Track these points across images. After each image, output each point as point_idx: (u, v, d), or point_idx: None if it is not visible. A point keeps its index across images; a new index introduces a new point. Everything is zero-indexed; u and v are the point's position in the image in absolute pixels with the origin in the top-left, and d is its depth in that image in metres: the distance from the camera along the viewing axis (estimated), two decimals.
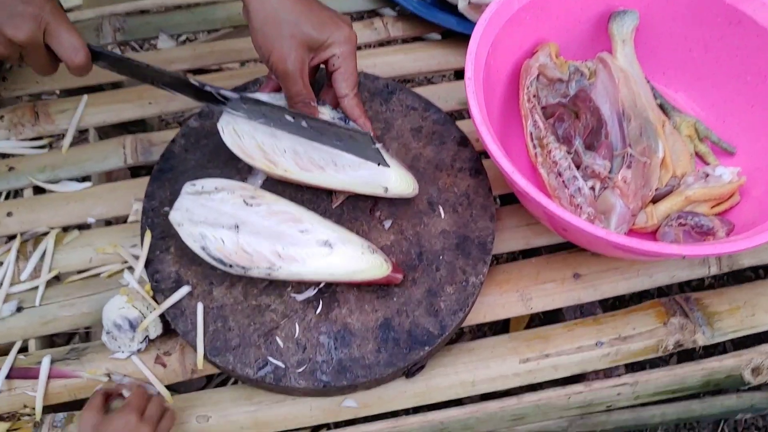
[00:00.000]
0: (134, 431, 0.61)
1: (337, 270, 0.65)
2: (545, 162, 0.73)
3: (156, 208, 0.72)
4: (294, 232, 0.66)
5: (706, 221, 0.69)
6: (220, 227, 0.65)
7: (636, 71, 0.79)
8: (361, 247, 0.66)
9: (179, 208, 0.66)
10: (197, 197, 0.67)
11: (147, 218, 0.72)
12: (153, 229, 0.71)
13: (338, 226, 0.68)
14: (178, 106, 0.84)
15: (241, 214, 0.66)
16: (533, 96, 0.77)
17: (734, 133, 0.79)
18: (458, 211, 0.72)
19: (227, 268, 0.65)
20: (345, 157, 0.70)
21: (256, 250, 0.65)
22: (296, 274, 0.65)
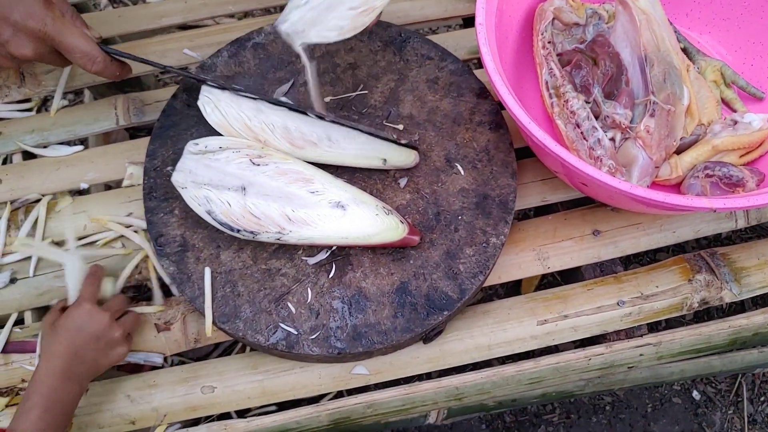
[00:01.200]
0: (91, 316, 0.61)
1: (351, 233, 0.63)
2: (562, 112, 0.70)
3: (158, 168, 0.70)
4: (304, 193, 0.63)
5: (735, 171, 0.66)
6: (226, 189, 0.63)
7: (658, 13, 0.75)
8: (376, 208, 0.64)
9: (182, 170, 0.64)
10: (201, 157, 0.65)
11: (149, 179, 0.69)
12: (155, 190, 0.69)
13: (351, 186, 0.66)
14: (171, 62, 0.81)
15: (247, 175, 0.64)
16: (548, 42, 0.73)
17: (764, 76, 0.76)
18: (478, 167, 0.70)
19: (235, 233, 0.63)
20: (339, 129, 0.67)
21: (265, 213, 0.62)
22: (308, 238, 0.63)
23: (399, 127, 0.72)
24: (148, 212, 0.68)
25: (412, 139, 0.71)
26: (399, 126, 0.72)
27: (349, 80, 0.74)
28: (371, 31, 0.76)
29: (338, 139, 0.69)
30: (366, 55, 0.76)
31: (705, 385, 1.11)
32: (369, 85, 0.74)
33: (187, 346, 0.67)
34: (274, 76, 0.74)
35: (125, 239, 0.71)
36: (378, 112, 0.73)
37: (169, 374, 0.67)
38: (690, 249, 1.08)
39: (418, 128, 0.72)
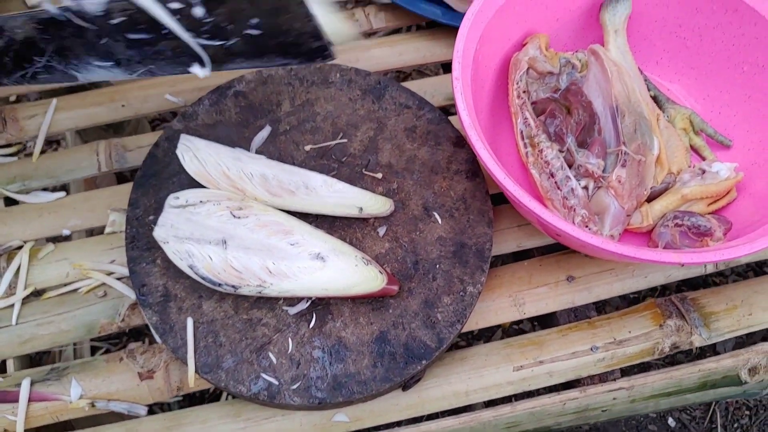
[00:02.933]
0: None
1: (331, 285, 0.65)
2: (537, 162, 0.72)
3: (140, 217, 0.72)
4: (284, 245, 0.65)
5: (703, 222, 0.69)
6: (207, 243, 0.65)
7: (629, 63, 0.78)
8: (355, 259, 0.66)
9: (163, 224, 0.66)
10: (182, 211, 0.66)
11: (131, 228, 0.71)
12: (138, 240, 0.71)
13: (330, 237, 0.68)
14: (152, 107, 0.83)
15: (228, 228, 0.66)
16: (523, 92, 0.76)
17: (730, 125, 0.79)
18: (455, 216, 0.72)
19: (216, 287, 0.65)
20: (316, 178, 0.69)
21: (246, 266, 0.64)
22: (288, 291, 0.65)
23: (378, 175, 0.74)
24: (130, 262, 0.69)
25: (391, 188, 0.73)
26: (378, 174, 0.74)
27: (329, 129, 0.77)
28: (350, 80, 0.78)
29: (315, 188, 0.71)
30: (345, 104, 0.78)
31: (680, 412, 1.14)
32: (348, 134, 0.76)
33: (170, 395, 0.69)
34: (255, 125, 0.76)
35: (107, 287, 0.73)
36: (357, 161, 0.75)
37: (153, 422, 0.68)
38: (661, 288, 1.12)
39: (397, 177, 0.74)
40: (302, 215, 0.70)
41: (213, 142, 0.71)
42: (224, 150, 0.70)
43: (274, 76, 0.79)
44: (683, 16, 0.79)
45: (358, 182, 0.74)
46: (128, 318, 0.72)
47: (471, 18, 0.71)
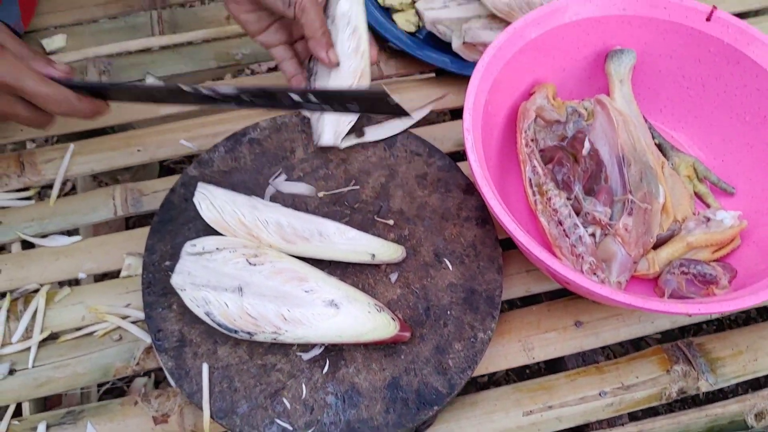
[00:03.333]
0: None
1: (345, 332, 0.67)
2: (545, 210, 0.74)
3: (156, 263, 0.73)
4: (299, 292, 0.67)
5: (708, 270, 0.71)
6: (224, 290, 0.66)
7: (634, 112, 0.80)
8: (368, 306, 0.68)
9: (180, 272, 0.67)
10: (198, 258, 0.68)
11: (148, 273, 0.72)
12: (154, 285, 0.72)
13: (343, 284, 0.69)
14: (167, 152, 0.84)
15: (244, 275, 0.67)
16: (531, 140, 0.78)
17: (734, 172, 0.81)
18: (465, 262, 0.73)
19: (232, 334, 0.66)
20: (329, 226, 0.71)
21: (261, 313, 0.65)
22: (302, 337, 0.66)
23: (389, 222, 0.76)
24: (146, 307, 0.71)
25: (402, 234, 0.75)
26: (389, 221, 0.76)
27: (342, 176, 0.79)
28: (363, 127, 0.81)
29: (329, 235, 0.72)
30: (357, 151, 0.80)
31: None
32: (360, 181, 0.78)
33: None
34: (270, 171, 0.78)
35: (123, 330, 0.74)
36: (369, 207, 0.77)
37: None
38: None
39: (408, 223, 0.76)
40: (315, 261, 0.72)
41: (229, 190, 0.73)
42: (240, 198, 0.72)
43: (287, 123, 0.81)
44: (686, 66, 0.81)
45: (370, 229, 0.76)
46: (143, 362, 0.73)
47: (481, 70, 0.73)
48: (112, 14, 0.94)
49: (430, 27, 0.88)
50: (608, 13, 0.79)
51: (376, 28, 0.88)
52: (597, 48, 0.82)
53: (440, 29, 0.87)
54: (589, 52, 0.82)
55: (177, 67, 0.90)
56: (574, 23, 0.79)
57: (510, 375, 1.13)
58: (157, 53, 0.91)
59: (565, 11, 0.77)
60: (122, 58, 0.91)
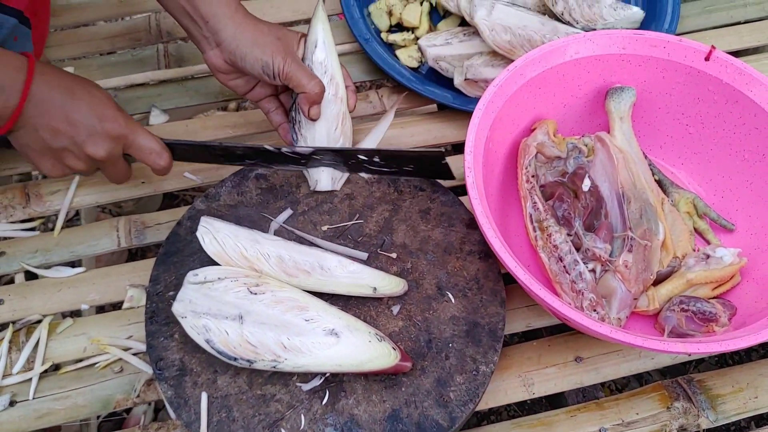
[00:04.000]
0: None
1: (345, 360, 0.67)
2: (546, 246, 0.75)
3: (160, 293, 0.74)
4: (299, 320, 0.67)
5: (708, 307, 0.71)
6: (224, 318, 0.67)
7: (634, 149, 0.81)
8: (368, 335, 0.68)
9: (182, 300, 0.68)
10: (200, 287, 0.69)
11: (151, 303, 0.73)
12: (157, 315, 0.73)
13: (344, 313, 0.70)
14: (173, 185, 0.86)
15: (245, 304, 0.68)
16: (532, 176, 0.79)
17: (733, 209, 0.82)
18: (468, 296, 0.74)
19: (231, 361, 0.66)
20: (330, 259, 0.73)
21: (261, 341, 0.66)
22: (302, 366, 0.66)
23: (392, 255, 0.76)
24: (149, 336, 0.71)
25: (405, 268, 0.75)
26: (392, 254, 0.76)
27: (346, 210, 0.79)
28: None
29: (330, 268, 0.73)
30: (362, 186, 0.81)
31: None
32: (364, 215, 0.79)
33: None
34: (275, 206, 0.79)
35: (124, 362, 0.74)
36: (373, 241, 0.78)
37: None
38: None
39: (411, 257, 0.77)
40: (318, 293, 0.72)
41: (232, 224, 0.74)
42: (242, 231, 0.73)
43: None
44: (686, 104, 0.82)
45: (373, 262, 0.76)
46: (144, 394, 0.73)
47: (482, 109, 0.74)
48: (120, 47, 0.96)
49: (433, 63, 0.89)
50: (608, 52, 0.80)
51: (379, 63, 0.89)
52: (597, 85, 0.83)
53: (442, 65, 0.89)
54: (589, 90, 0.83)
55: (182, 99, 0.91)
56: (575, 61, 0.80)
57: (510, 405, 1.13)
58: (163, 86, 0.92)
59: (565, 50, 0.79)
60: (128, 91, 0.92)
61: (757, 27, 0.98)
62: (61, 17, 0.96)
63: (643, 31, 0.80)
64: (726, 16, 0.99)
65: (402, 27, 0.95)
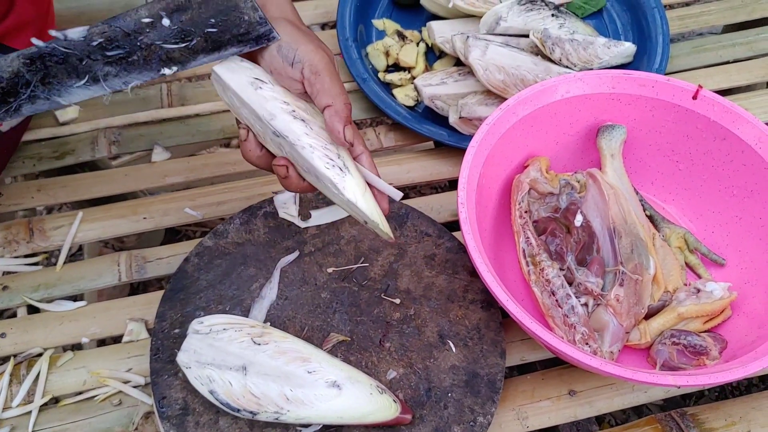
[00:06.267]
0: None
1: (346, 413, 0.67)
2: (538, 280, 0.76)
3: (166, 330, 0.75)
4: (302, 372, 0.68)
5: (699, 341, 0.72)
6: (228, 369, 0.67)
7: (625, 185, 0.83)
8: (370, 387, 0.69)
9: (186, 350, 0.69)
10: (205, 337, 0.69)
11: (156, 340, 0.74)
12: (162, 352, 0.73)
13: (346, 365, 0.70)
14: (173, 220, 0.87)
15: (248, 354, 0.68)
16: (525, 212, 0.80)
17: (724, 244, 0.83)
18: (469, 345, 0.75)
19: (235, 413, 0.66)
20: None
21: (264, 393, 0.66)
22: (304, 418, 0.67)
23: (396, 301, 0.77)
24: (153, 374, 0.72)
25: (408, 314, 0.77)
26: (396, 300, 0.77)
27: (352, 252, 0.81)
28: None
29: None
30: (368, 229, 0.82)
31: None
32: (370, 258, 0.80)
33: None
34: (282, 245, 0.80)
35: (123, 395, 0.75)
36: (377, 285, 0.79)
37: None
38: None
39: (414, 303, 0.78)
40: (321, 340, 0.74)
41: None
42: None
43: (303, 198, 0.84)
44: (675, 141, 0.84)
45: (376, 306, 0.77)
46: (142, 427, 0.74)
47: (475, 146, 0.76)
48: None
49: (429, 102, 0.91)
50: (598, 91, 0.82)
51: (376, 102, 0.91)
52: (589, 123, 0.85)
53: (438, 104, 0.91)
54: (581, 127, 0.85)
55: (184, 137, 0.93)
56: (565, 100, 0.82)
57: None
58: (165, 124, 0.94)
59: (555, 90, 0.81)
60: (132, 129, 0.94)
61: (745, 66, 1.00)
62: None
63: (632, 71, 0.82)
64: (715, 56, 1.01)
65: (399, 67, 0.97)
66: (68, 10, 1.02)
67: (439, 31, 0.95)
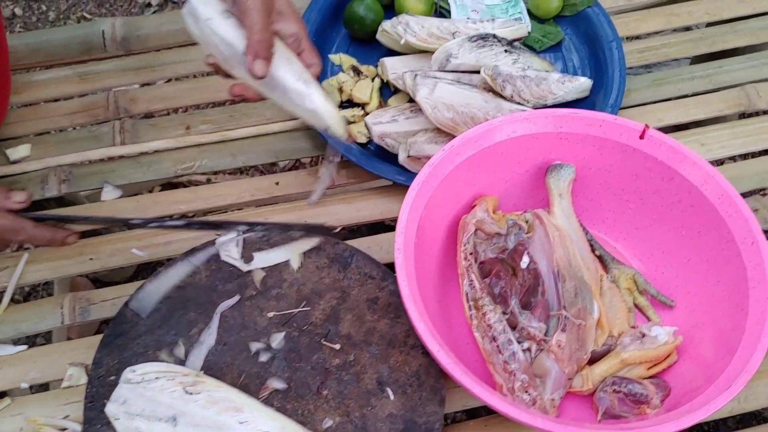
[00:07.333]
0: None
1: None
2: (480, 325, 0.75)
3: (102, 377, 0.74)
4: (234, 422, 0.66)
5: (639, 389, 0.70)
6: (157, 420, 0.66)
7: (573, 225, 0.82)
8: None
9: (116, 400, 0.68)
10: (136, 386, 0.68)
11: (92, 387, 0.73)
12: (97, 400, 0.72)
13: (279, 415, 0.69)
14: (119, 261, 0.86)
15: (179, 404, 0.67)
16: (470, 254, 0.79)
17: (673, 285, 0.81)
18: (407, 392, 0.73)
19: None
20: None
21: None
22: None
23: (336, 346, 0.76)
24: (86, 422, 0.71)
25: (348, 360, 0.75)
26: (336, 345, 0.76)
27: (294, 296, 0.79)
28: (319, 248, 0.82)
29: None
30: (312, 272, 0.81)
31: None
32: (312, 302, 0.79)
33: None
34: (224, 289, 0.79)
35: None
36: (318, 330, 0.77)
37: None
38: None
39: (354, 349, 0.76)
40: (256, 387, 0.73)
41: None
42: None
43: (246, 240, 0.82)
44: (624, 181, 0.82)
45: (316, 352, 0.76)
46: None
47: (416, 189, 0.74)
48: (79, 124, 0.97)
49: (378, 140, 0.90)
50: (545, 131, 0.81)
51: (328, 140, 0.90)
52: (538, 162, 0.84)
53: (388, 142, 0.90)
54: (530, 166, 0.84)
55: (135, 176, 0.92)
56: (512, 140, 0.80)
57: None
58: (117, 162, 0.93)
59: (500, 130, 0.79)
60: (83, 167, 0.93)
61: (704, 100, 0.99)
62: (22, 94, 0.98)
63: (579, 110, 0.81)
64: (674, 89, 1.00)
65: (353, 103, 0.97)
66: (26, 46, 1.01)
67: (392, 67, 0.94)
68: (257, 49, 0.68)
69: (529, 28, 1.00)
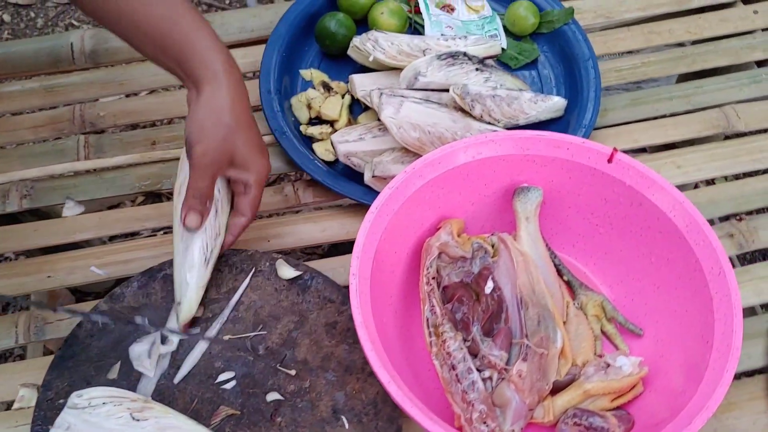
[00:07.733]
0: None
1: None
2: (439, 353, 0.73)
3: (51, 400, 0.72)
4: None
5: (601, 423, 0.68)
6: None
7: (539, 251, 0.80)
8: None
9: (60, 426, 0.66)
10: (81, 412, 0.66)
11: (40, 411, 0.71)
12: (44, 425, 0.70)
13: None
14: (78, 279, 0.84)
15: (125, 431, 0.65)
16: (432, 278, 0.77)
17: (641, 313, 0.79)
18: (363, 421, 0.71)
19: None
20: None
21: None
22: None
23: (291, 372, 0.74)
24: None
25: (303, 387, 0.73)
26: (292, 371, 0.74)
27: (251, 319, 0.77)
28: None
29: None
30: (270, 294, 0.79)
31: None
32: (269, 325, 0.77)
33: None
34: None
35: None
36: (274, 355, 0.75)
37: None
38: None
39: (311, 375, 0.74)
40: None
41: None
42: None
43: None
44: (593, 204, 0.80)
45: (271, 377, 0.74)
46: None
47: (375, 212, 0.72)
48: (43, 137, 0.96)
49: (344, 159, 0.88)
50: (511, 153, 0.79)
51: (293, 158, 0.88)
52: (505, 183, 0.81)
53: (354, 161, 0.88)
54: (497, 188, 0.82)
55: (98, 191, 0.91)
56: (478, 162, 0.78)
57: None
58: (81, 177, 0.92)
59: (464, 151, 0.77)
60: (46, 182, 0.91)
61: (681, 120, 0.97)
62: None
63: (545, 132, 0.79)
64: (651, 109, 0.98)
65: (323, 120, 0.95)
66: None
67: (361, 84, 0.92)
68: (190, 203, 0.74)
69: (504, 45, 0.98)
